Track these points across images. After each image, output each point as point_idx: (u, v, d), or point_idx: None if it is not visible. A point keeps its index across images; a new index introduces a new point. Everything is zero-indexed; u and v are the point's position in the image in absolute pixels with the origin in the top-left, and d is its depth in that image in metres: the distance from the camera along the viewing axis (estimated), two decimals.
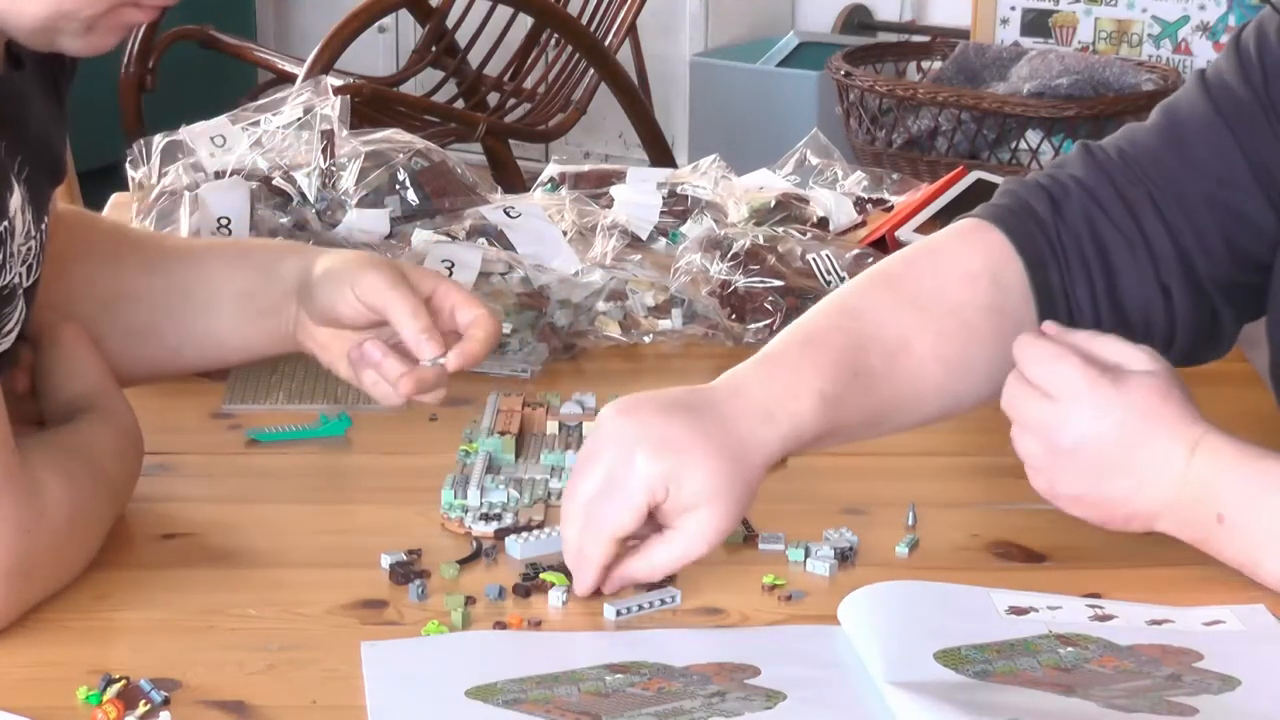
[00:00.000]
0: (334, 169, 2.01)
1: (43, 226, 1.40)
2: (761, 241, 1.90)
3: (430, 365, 1.41)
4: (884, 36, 5.05)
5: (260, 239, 1.82)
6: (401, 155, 2.05)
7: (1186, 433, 1.31)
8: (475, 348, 1.42)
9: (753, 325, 1.81)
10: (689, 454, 1.29)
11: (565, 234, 1.95)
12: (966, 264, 1.44)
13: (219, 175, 2.00)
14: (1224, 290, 1.46)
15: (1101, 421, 1.31)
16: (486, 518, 1.41)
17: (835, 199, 2.13)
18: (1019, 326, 1.39)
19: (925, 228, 2.03)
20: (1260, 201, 1.44)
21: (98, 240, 1.58)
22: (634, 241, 2.03)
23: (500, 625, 1.28)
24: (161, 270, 1.53)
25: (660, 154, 4.40)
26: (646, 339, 1.82)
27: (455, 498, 1.44)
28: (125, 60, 4.17)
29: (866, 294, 1.43)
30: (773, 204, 2.08)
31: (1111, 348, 1.34)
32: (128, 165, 2.08)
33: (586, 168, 2.22)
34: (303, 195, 1.99)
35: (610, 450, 1.29)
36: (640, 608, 1.30)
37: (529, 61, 4.37)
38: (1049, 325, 1.36)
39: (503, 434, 1.54)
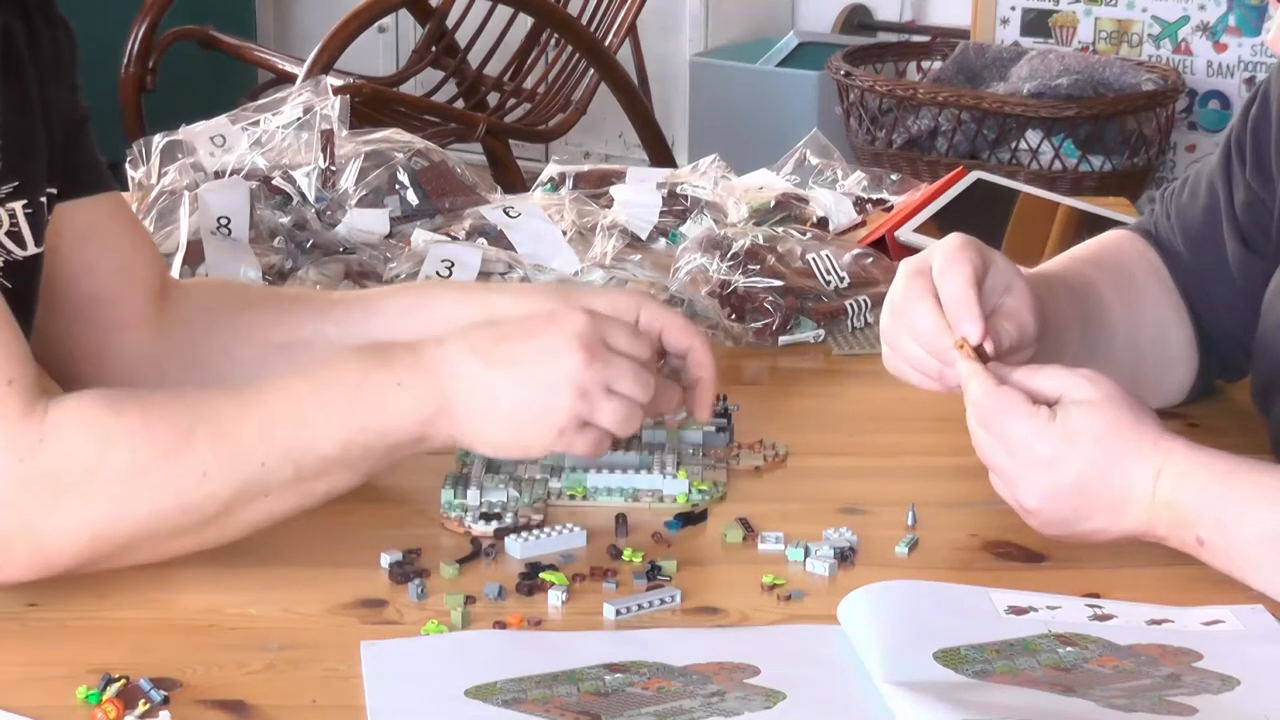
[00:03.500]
0: (334, 169, 2.01)
1: None
2: (761, 241, 1.90)
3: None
4: (884, 36, 5.05)
5: (424, 282, 1.78)
6: (401, 155, 2.05)
7: (1148, 457, 1.31)
8: (706, 398, 1.45)
9: (753, 325, 1.81)
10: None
11: (565, 234, 1.95)
12: (1135, 243, 1.65)
13: (219, 175, 2.00)
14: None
15: (1058, 477, 1.32)
16: (486, 517, 1.41)
17: (835, 199, 2.13)
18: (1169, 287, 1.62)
19: (925, 228, 2.03)
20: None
21: (254, 294, 1.59)
22: (634, 241, 2.03)
23: (500, 625, 1.28)
24: (334, 319, 1.52)
25: (660, 154, 4.40)
26: None
27: (455, 497, 1.44)
28: (125, 60, 4.17)
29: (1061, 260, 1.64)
30: (773, 204, 2.08)
31: (1051, 381, 1.35)
32: (128, 165, 2.08)
33: (586, 168, 2.22)
34: (303, 195, 1.99)
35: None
36: (640, 607, 1.30)
37: (529, 61, 4.37)
38: (994, 365, 1.38)
39: None
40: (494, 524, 1.40)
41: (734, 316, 1.82)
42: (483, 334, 1.35)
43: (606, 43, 4.29)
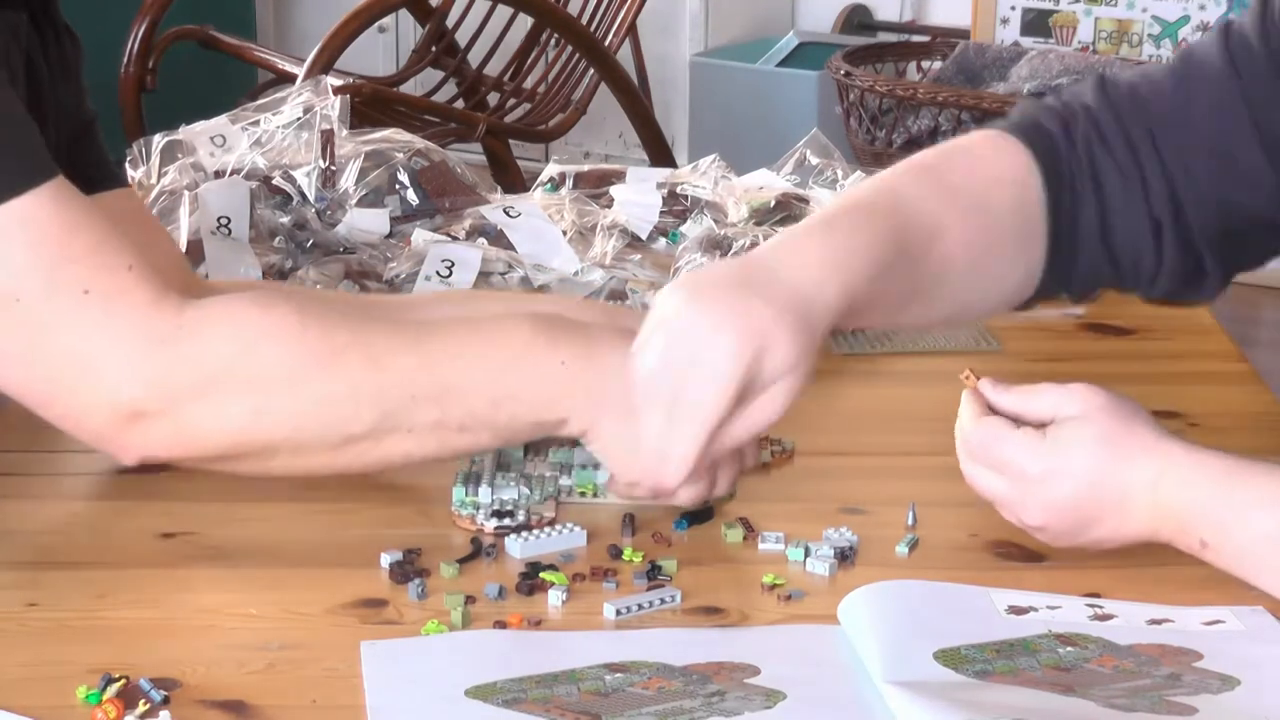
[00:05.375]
0: (334, 169, 2.01)
1: None
2: (761, 241, 1.90)
3: None
4: (884, 36, 5.05)
5: (472, 291, 1.77)
6: (401, 155, 2.05)
7: (1143, 465, 1.30)
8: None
9: None
10: (772, 333, 1.31)
11: (565, 234, 1.95)
12: (997, 168, 1.47)
13: (219, 175, 2.00)
14: (1210, 240, 1.48)
15: (1056, 492, 1.32)
16: (498, 514, 1.41)
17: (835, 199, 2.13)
18: (1034, 239, 1.45)
19: None
20: (1260, 158, 1.46)
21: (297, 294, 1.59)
22: (634, 241, 2.03)
23: (500, 625, 1.28)
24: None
25: (660, 154, 4.40)
26: None
27: (466, 495, 1.43)
28: (125, 60, 4.17)
29: (905, 178, 1.45)
30: (773, 204, 2.08)
31: (1044, 401, 1.33)
32: (128, 165, 2.08)
33: (586, 168, 2.22)
34: (303, 195, 1.99)
35: (690, 339, 1.31)
36: (640, 607, 1.30)
37: (529, 61, 4.37)
38: (984, 383, 1.36)
39: None
40: (506, 521, 1.40)
41: None
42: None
43: (606, 43, 4.29)
